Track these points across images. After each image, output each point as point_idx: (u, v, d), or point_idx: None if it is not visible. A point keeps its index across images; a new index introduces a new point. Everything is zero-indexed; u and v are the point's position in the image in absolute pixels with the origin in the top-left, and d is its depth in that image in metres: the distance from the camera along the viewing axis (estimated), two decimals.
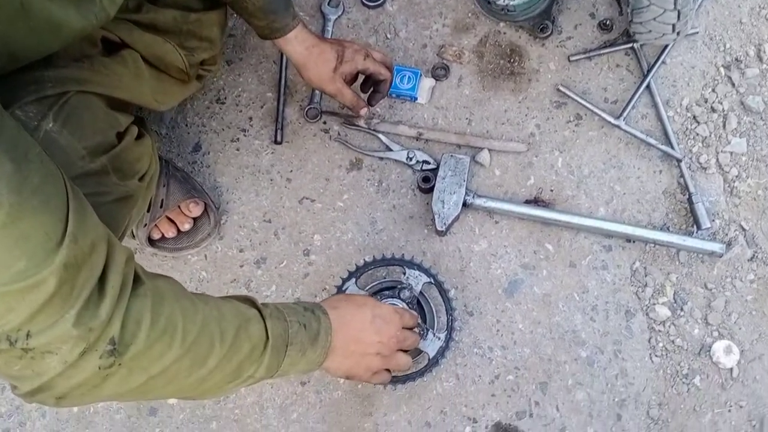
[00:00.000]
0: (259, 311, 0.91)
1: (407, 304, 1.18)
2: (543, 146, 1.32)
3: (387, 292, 1.20)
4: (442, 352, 1.19)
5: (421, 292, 1.21)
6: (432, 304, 1.24)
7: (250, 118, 1.37)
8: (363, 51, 1.19)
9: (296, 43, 1.14)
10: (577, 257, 1.27)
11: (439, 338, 1.19)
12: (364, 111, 1.21)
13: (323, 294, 1.30)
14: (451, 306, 1.21)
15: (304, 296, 1.30)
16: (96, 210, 0.77)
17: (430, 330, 1.19)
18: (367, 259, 1.23)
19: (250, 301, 0.93)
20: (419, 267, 1.22)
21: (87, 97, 0.89)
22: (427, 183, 1.28)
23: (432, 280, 1.22)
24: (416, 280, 1.21)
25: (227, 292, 1.31)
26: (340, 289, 1.22)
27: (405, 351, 1.11)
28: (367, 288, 1.24)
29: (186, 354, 0.80)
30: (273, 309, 0.93)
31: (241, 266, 1.32)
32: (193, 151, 1.37)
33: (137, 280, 0.79)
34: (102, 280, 0.73)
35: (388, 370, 1.10)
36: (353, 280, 1.22)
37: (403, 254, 1.24)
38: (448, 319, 1.21)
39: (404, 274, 1.21)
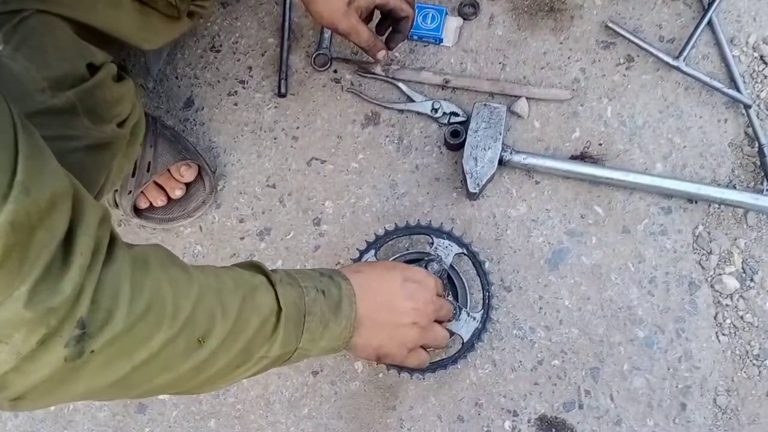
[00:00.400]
0: (268, 277, 0.76)
1: None
2: (589, 93, 1.14)
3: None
4: (478, 335, 1.03)
5: (451, 265, 1.05)
6: (464, 279, 1.08)
7: (250, 68, 1.20)
8: None
9: None
10: (632, 221, 1.11)
11: (475, 318, 1.03)
12: (381, 54, 1.04)
13: None
14: (487, 280, 1.05)
15: None
16: (62, 159, 0.60)
17: (464, 309, 1.03)
18: (387, 228, 1.07)
19: (255, 267, 0.78)
20: (449, 236, 1.05)
21: (50, 19, 0.72)
22: (456, 138, 1.12)
23: (464, 251, 1.05)
24: (446, 251, 1.05)
25: None
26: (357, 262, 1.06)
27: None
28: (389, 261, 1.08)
29: (180, 334, 0.64)
30: (283, 275, 0.78)
31: (242, 238, 1.15)
32: (185, 107, 1.19)
33: (113, 244, 0.62)
34: (67, 244, 0.57)
35: (424, 349, 0.93)
36: (372, 251, 1.06)
37: (429, 221, 1.07)
38: (484, 295, 1.05)
39: (431, 244, 1.05)
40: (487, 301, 1.04)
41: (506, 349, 1.08)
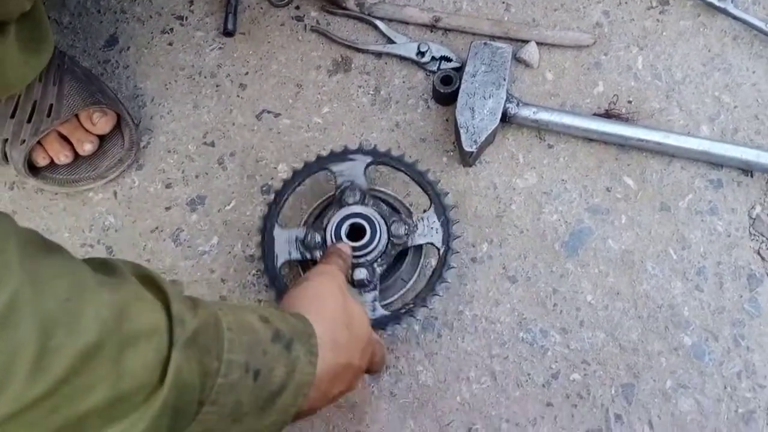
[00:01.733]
0: (169, 317, 0.46)
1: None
2: (615, 40, 0.91)
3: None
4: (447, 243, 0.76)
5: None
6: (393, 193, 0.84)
7: (191, 2, 0.95)
8: None
9: None
10: (672, 197, 0.86)
11: (434, 221, 0.76)
12: None
13: None
14: (427, 181, 0.80)
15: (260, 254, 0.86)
16: None
17: (416, 215, 0.79)
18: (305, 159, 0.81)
19: (154, 287, 0.48)
20: (353, 153, 0.81)
21: None
22: (448, 85, 0.87)
23: (372, 160, 0.80)
24: (353, 171, 0.80)
25: (145, 246, 0.87)
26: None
27: None
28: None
29: None
30: (199, 321, 0.48)
31: (168, 209, 0.88)
32: (107, 46, 0.94)
33: None
34: None
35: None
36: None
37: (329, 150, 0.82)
38: (430, 197, 0.78)
39: (332, 174, 0.80)
40: (436, 201, 0.78)
41: (509, 358, 0.81)
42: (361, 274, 0.75)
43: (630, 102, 0.89)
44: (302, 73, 0.92)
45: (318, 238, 0.76)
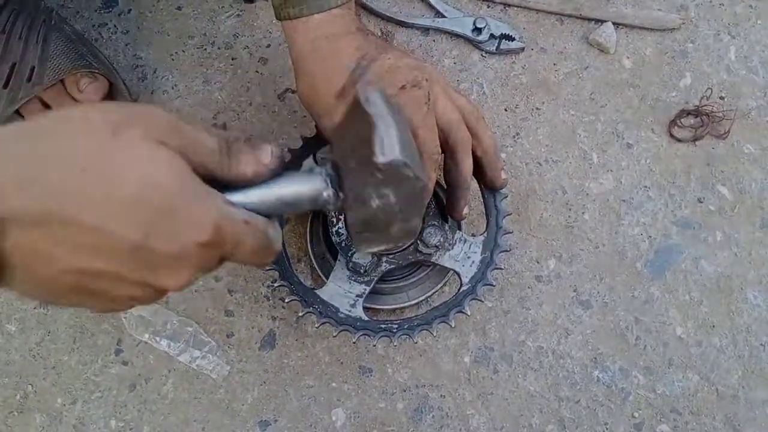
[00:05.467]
0: None
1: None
2: (702, 26, 0.71)
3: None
4: (482, 273, 0.54)
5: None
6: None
7: None
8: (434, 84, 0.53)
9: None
10: None
11: (475, 250, 0.55)
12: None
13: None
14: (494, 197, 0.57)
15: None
16: None
17: (457, 231, 0.55)
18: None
19: None
20: None
21: None
22: None
23: None
24: None
25: None
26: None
27: None
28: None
29: None
30: None
31: None
32: (104, 8, 0.72)
33: None
34: None
35: None
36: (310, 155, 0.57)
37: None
38: (491, 210, 0.56)
39: None
40: (496, 221, 0.56)
41: (582, 402, 0.60)
42: (362, 259, 0.54)
43: (722, 98, 0.68)
44: None
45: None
